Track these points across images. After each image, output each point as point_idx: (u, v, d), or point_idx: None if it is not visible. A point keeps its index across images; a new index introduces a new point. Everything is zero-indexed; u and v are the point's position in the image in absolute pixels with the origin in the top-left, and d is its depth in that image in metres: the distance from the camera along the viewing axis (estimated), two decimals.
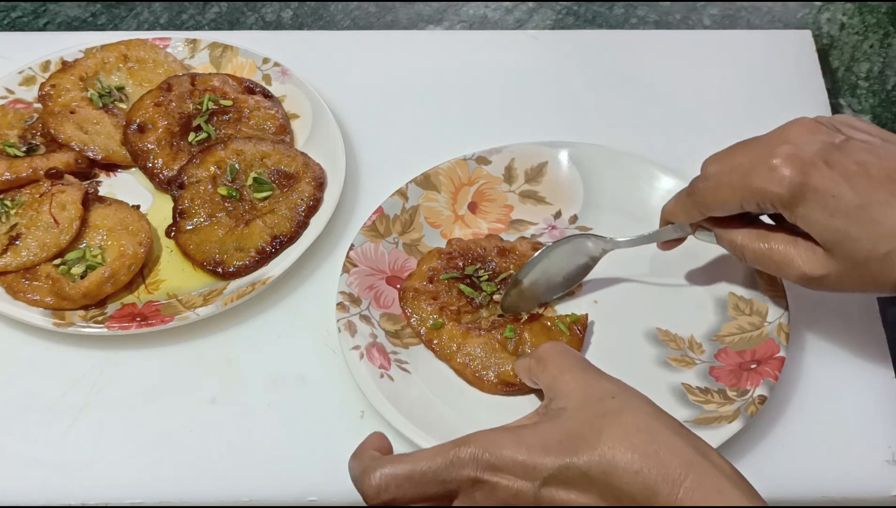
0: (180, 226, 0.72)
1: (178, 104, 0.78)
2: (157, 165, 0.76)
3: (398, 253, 0.71)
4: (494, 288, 0.68)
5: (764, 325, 0.64)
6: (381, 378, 0.63)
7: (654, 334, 0.66)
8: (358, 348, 0.64)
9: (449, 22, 0.93)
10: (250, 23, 0.93)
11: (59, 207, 0.71)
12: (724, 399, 0.61)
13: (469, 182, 0.74)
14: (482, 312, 0.67)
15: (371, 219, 0.71)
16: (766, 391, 0.60)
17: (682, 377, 0.64)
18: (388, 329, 0.67)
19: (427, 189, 0.73)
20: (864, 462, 0.62)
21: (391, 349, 0.65)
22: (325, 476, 0.62)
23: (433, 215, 0.72)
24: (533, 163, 0.74)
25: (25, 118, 0.78)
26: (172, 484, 0.62)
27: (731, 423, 0.59)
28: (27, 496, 0.62)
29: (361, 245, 0.69)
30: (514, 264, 0.69)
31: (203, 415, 0.65)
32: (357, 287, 0.67)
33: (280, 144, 0.76)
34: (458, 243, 0.71)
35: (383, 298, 0.68)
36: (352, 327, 0.65)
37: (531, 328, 0.66)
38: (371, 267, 0.69)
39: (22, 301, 0.68)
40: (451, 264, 0.69)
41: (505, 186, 0.74)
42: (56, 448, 0.64)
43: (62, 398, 0.66)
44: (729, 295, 0.67)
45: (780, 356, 0.62)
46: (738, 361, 0.63)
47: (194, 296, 0.69)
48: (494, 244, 0.70)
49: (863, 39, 0.89)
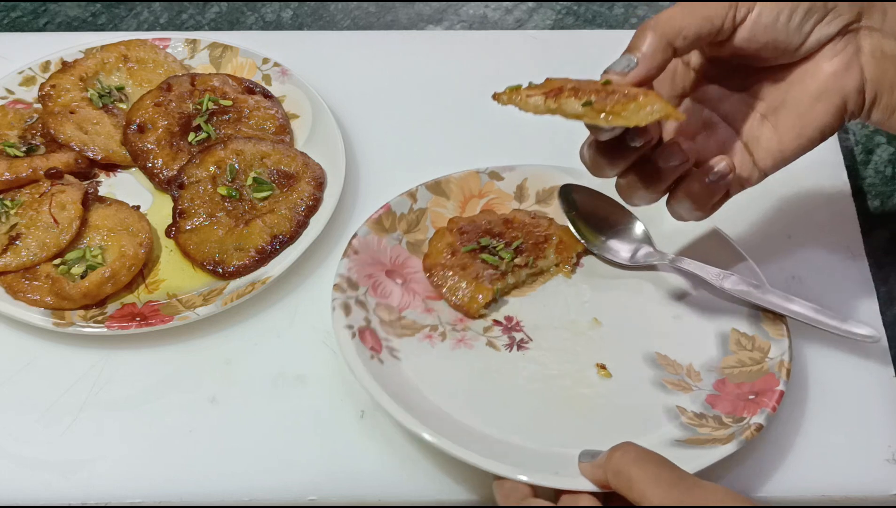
0: (180, 226, 0.72)
1: (178, 104, 0.78)
2: (156, 165, 0.76)
3: (400, 250, 0.70)
4: (513, 254, 0.69)
5: (765, 361, 0.63)
6: (370, 360, 0.62)
7: (652, 357, 0.66)
8: (351, 327, 0.64)
9: (449, 22, 0.93)
10: (250, 23, 0.93)
11: (59, 207, 0.71)
12: (719, 425, 0.60)
13: (479, 194, 0.74)
14: (509, 278, 0.69)
15: (378, 213, 0.71)
16: (762, 420, 0.59)
17: (676, 400, 0.63)
18: (384, 318, 0.66)
19: (437, 194, 0.73)
20: (864, 462, 0.62)
21: (384, 336, 0.65)
22: (325, 476, 0.62)
23: (440, 220, 0.72)
24: (545, 185, 0.74)
25: (25, 118, 0.79)
26: (172, 484, 0.62)
27: (725, 445, 0.57)
28: (27, 495, 0.62)
29: (365, 236, 0.69)
30: (520, 232, 0.71)
31: (203, 415, 0.65)
32: (356, 273, 0.67)
33: (280, 144, 0.76)
34: (461, 219, 0.72)
35: (381, 288, 0.68)
36: (347, 307, 0.65)
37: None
38: (372, 258, 0.69)
39: (22, 301, 0.68)
40: (465, 237, 0.70)
41: (514, 204, 0.74)
42: (56, 447, 0.64)
43: (62, 398, 0.66)
44: (731, 331, 0.66)
45: (780, 389, 0.61)
46: (736, 392, 0.62)
47: (194, 296, 0.69)
48: (495, 217, 0.72)
49: None
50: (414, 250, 0.71)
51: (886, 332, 0.68)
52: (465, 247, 0.70)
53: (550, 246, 0.71)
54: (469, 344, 0.66)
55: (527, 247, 0.70)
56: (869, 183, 0.81)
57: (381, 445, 0.63)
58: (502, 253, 0.69)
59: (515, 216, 0.72)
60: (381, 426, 0.64)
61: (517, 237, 0.71)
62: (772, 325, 0.65)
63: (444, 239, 0.71)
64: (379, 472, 0.62)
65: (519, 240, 0.70)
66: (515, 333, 0.67)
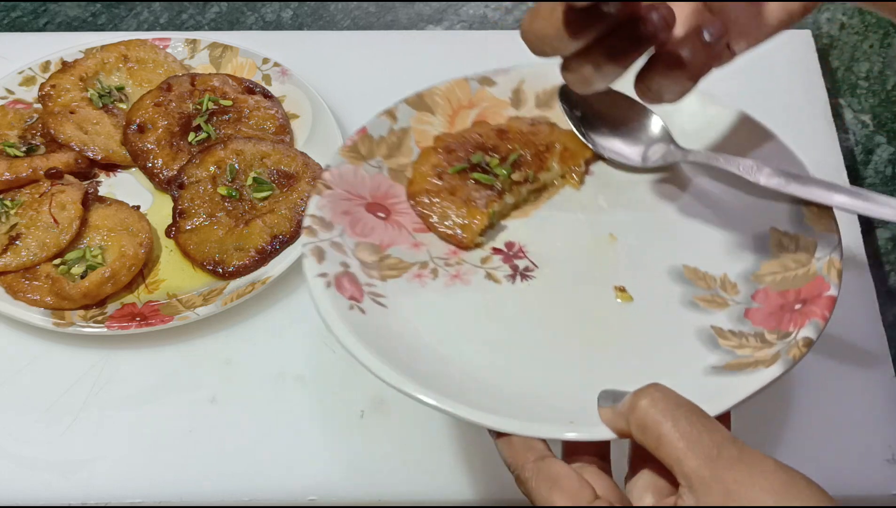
0: (180, 226, 0.72)
1: (178, 104, 0.78)
2: (156, 165, 0.76)
3: (382, 179, 0.61)
4: (510, 170, 0.61)
5: (812, 262, 0.53)
6: (349, 310, 0.53)
7: (679, 271, 0.56)
8: (325, 275, 0.54)
9: (449, 22, 0.93)
10: (250, 23, 0.93)
11: (59, 207, 0.71)
12: (762, 343, 0.51)
13: (469, 105, 0.64)
14: (507, 198, 0.60)
15: (352, 139, 0.61)
16: (812, 333, 0.49)
17: (710, 319, 0.53)
18: (365, 260, 0.57)
19: (420, 110, 0.63)
20: (864, 462, 0.62)
21: (365, 281, 0.55)
22: (325, 476, 0.62)
23: (426, 140, 0.63)
24: (546, 86, 0.64)
25: (25, 118, 0.79)
26: (172, 484, 0.62)
27: (770, 367, 0.48)
28: (26, 496, 0.62)
29: (339, 166, 0.60)
30: (518, 142, 0.62)
31: (203, 415, 0.65)
32: (330, 211, 0.58)
33: (280, 144, 0.76)
34: (448, 136, 0.63)
35: (361, 225, 0.59)
36: (319, 253, 0.55)
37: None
38: (349, 191, 0.60)
39: (22, 301, 0.68)
40: (453, 156, 0.61)
41: (512, 111, 0.64)
42: (56, 447, 0.64)
43: (62, 398, 0.66)
44: (770, 231, 0.56)
45: (831, 294, 0.51)
46: (779, 302, 0.53)
47: (194, 296, 0.69)
48: (488, 129, 0.63)
49: (863, 39, 0.89)
50: (398, 177, 0.61)
51: (886, 332, 0.68)
52: (452, 168, 0.61)
53: (553, 155, 0.62)
54: (465, 279, 0.57)
55: (526, 160, 0.62)
56: (869, 183, 0.81)
57: (381, 445, 0.63)
58: (497, 170, 0.61)
59: (511, 126, 0.63)
60: (381, 426, 0.64)
61: (514, 150, 0.62)
62: (817, 219, 0.55)
63: (429, 160, 0.61)
64: (379, 472, 0.62)
65: (516, 153, 0.61)
66: (518, 260, 0.58)
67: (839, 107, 0.85)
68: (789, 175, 0.56)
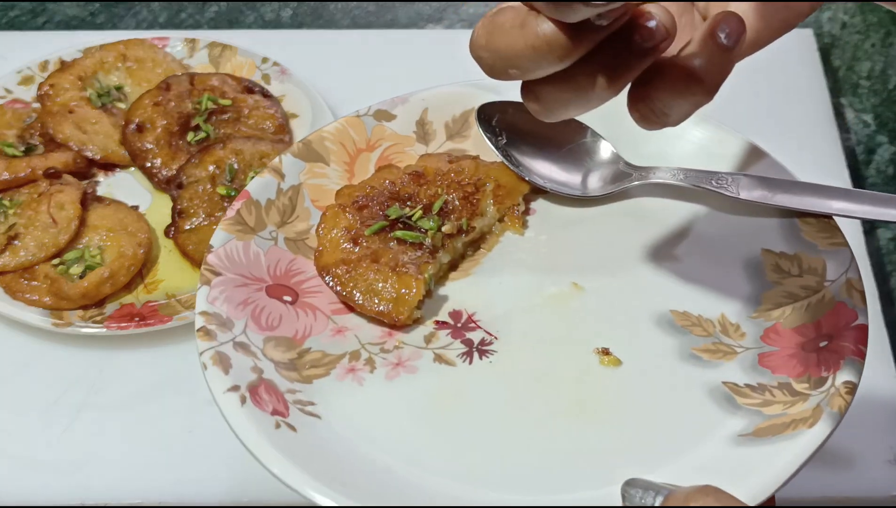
0: (179, 226, 0.72)
1: (177, 104, 0.78)
2: (155, 164, 0.75)
3: (279, 252, 0.50)
4: (438, 222, 0.51)
5: (825, 286, 0.45)
6: (276, 429, 0.42)
7: (667, 318, 0.47)
8: (237, 388, 0.43)
9: (449, 21, 0.92)
10: (249, 22, 0.92)
11: (58, 206, 0.71)
12: (792, 396, 0.42)
13: (368, 147, 0.54)
14: (440, 257, 0.50)
15: (234, 208, 0.50)
16: (853, 376, 0.41)
17: (719, 374, 0.44)
18: (279, 359, 0.46)
19: (310, 161, 0.53)
20: (864, 462, 0.62)
21: (287, 387, 0.44)
22: None
23: (323, 197, 0.52)
24: (455, 112, 0.55)
25: (24, 118, 0.78)
26: (172, 484, 0.62)
27: (814, 427, 0.40)
28: (26, 496, 0.62)
29: (225, 245, 0.49)
30: (439, 185, 0.52)
31: (202, 415, 0.65)
32: (225, 304, 0.46)
33: (279, 144, 0.76)
34: (352, 189, 0.52)
35: (266, 315, 0.47)
36: (223, 360, 0.44)
37: None
38: (242, 275, 0.48)
39: (20, 301, 0.68)
40: (367, 213, 0.51)
41: (420, 148, 0.55)
42: (55, 447, 0.64)
43: (61, 398, 0.66)
44: (763, 254, 0.48)
45: (861, 323, 0.43)
46: (797, 341, 0.45)
47: (193, 296, 0.69)
48: (399, 173, 0.53)
49: (864, 38, 0.89)
50: (299, 249, 0.51)
51: (887, 332, 0.68)
52: (369, 228, 0.50)
53: (485, 196, 0.52)
54: (410, 367, 0.46)
55: (454, 206, 0.52)
56: (870, 183, 0.81)
57: None
58: (422, 223, 0.51)
59: (426, 166, 0.53)
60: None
61: (437, 196, 0.52)
62: (817, 233, 0.47)
63: (336, 222, 0.51)
64: None
65: (441, 199, 0.51)
66: (470, 333, 0.47)
67: (840, 106, 0.84)
68: (773, 183, 0.48)
